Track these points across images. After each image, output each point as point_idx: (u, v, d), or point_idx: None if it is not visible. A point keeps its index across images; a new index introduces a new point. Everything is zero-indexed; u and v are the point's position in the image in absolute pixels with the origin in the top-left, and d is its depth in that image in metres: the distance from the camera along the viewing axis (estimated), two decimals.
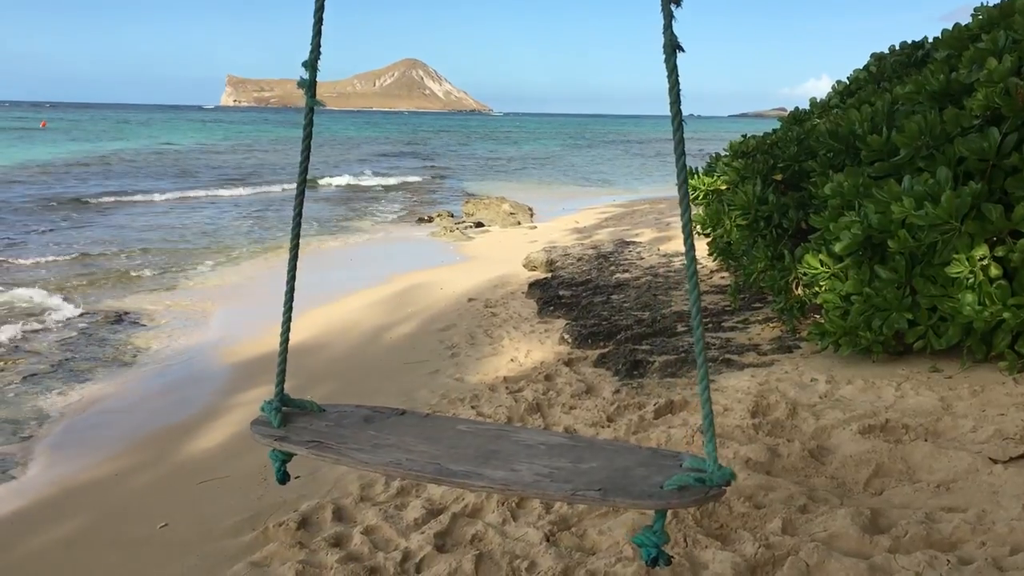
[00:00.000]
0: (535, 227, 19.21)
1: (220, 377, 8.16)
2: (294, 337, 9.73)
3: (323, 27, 2.67)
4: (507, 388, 6.85)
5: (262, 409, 2.85)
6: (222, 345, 9.26)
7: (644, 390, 6.43)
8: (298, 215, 2.87)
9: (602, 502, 2.24)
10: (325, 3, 2.65)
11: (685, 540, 3.83)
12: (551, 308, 9.78)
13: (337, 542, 4.37)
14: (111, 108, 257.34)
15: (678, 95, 2.16)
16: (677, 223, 16.31)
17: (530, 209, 21.66)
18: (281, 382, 2.90)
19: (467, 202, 23.56)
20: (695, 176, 9.19)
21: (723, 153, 9.36)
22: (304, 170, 2.81)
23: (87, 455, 6.36)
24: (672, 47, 2.13)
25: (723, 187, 8.77)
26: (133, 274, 13.43)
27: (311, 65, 2.71)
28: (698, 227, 9.17)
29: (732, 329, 8.00)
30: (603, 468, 2.34)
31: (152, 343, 9.44)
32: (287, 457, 2.81)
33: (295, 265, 2.89)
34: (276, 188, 28.99)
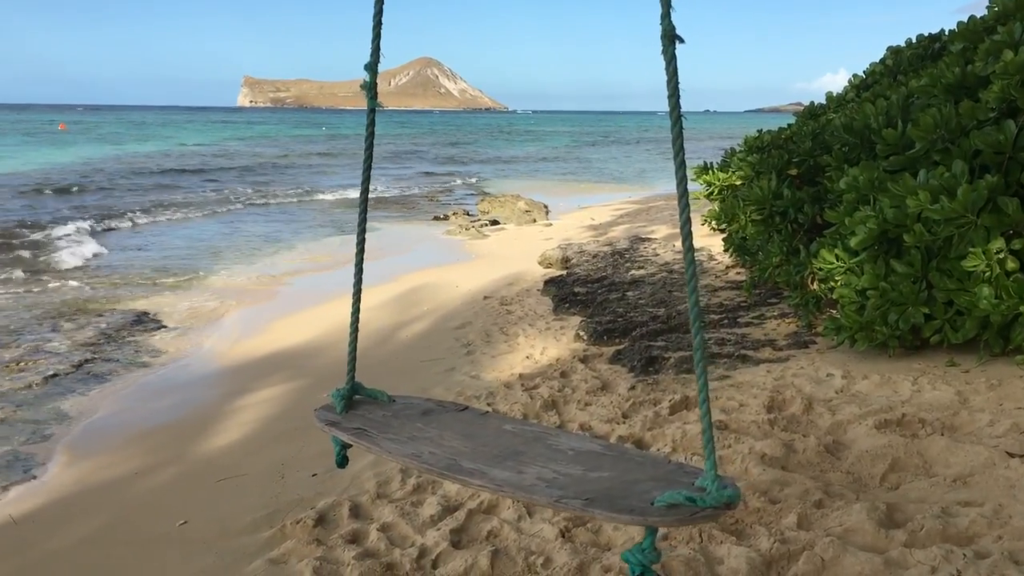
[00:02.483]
0: (550, 224, 19.22)
1: (236, 376, 8.22)
2: (308, 335, 9.81)
3: (382, 30, 2.73)
4: (523, 385, 6.87)
5: (331, 396, 2.93)
6: (238, 345, 9.33)
7: (659, 386, 6.43)
8: (363, 211, 2.95)
9: (583, 511, 2.19)
10: (383, 7, 2.70)
11: (700, 535, 3.84)
12: (566, 305, 9.79)
13: (354, 539, 4.41)
14: (131, 110, 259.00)
15: (676, 87, 2.09)
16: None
17: (545, 206, 21.66)
18: (351, 371, 2.99)
19: (482, 200, 23.59)
20: (710, 172, 9.17)
21: (738, 148, 9.34)
22: (367, 167, 2.90)
23: (106, 454, 6.42)
24: (670, 37, 2.05)
25: (738, 182, 8.76)
26: (152, 275, 13.53)
27: (371, 68, 2.77)
28: (713, 222, 9.16)
29: (748, 325, 7.98)
30: (612, 478, 2.29)
31: (170, 343, 9.51)
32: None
33: (361, 259, 2.98)
34: (291, 190, 29.12)
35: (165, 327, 10.26)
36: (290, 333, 9.66)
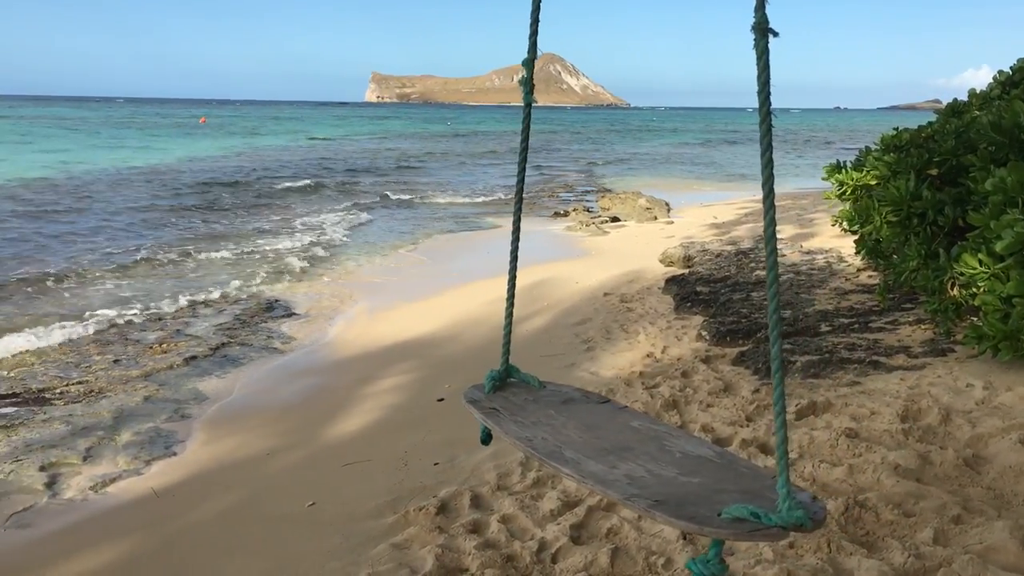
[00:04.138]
0: (672, 222, 18.97)
1: (361, 364, 8.44)
2: (429, 326, 10.01)
3: (539, 27, 2.77)
4: (643, 384, 6.81)
5: (485, 376, 3.00)
6: (363, 334, 9.59)
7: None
8: (518, 201, 3.01)
9: (646, 512, 2.14)
10: (541, 3, 2.74)
11: (829, 546, 3.72)
12: (688, 304, 9.65)
13: (475, 529, 4.47)
14: (262, 105, 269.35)
15: (767, 83, 2.01)
16: (820, 219, 15.81)
17: (667, 204, 21.39)
18: (506, 354, 3.04)
19: (603, 197, 23.48)
20: (843, 171, 8.85)
21: (873, 147, 8.99)
22: (523, 159, 2.96)
23: (240, 434, 6.72)
24: (762, 30, 1.97)
25: (873, 182, 8.42)
26: (285, 264, 14.08)
27: (528, 64, 2.82)
28: (844, 223, 8.85)
29: (880, 330, 7.68)
30: (700, 485, 2.24)
31: (299, 330, 9.87)
32: None
33: (516, 248, 3.05)
34: (423, 180, 29.69)
35: (295, 315, 10.65)
36: (412, 324, 9.86)
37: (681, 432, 2.63)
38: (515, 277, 3.08)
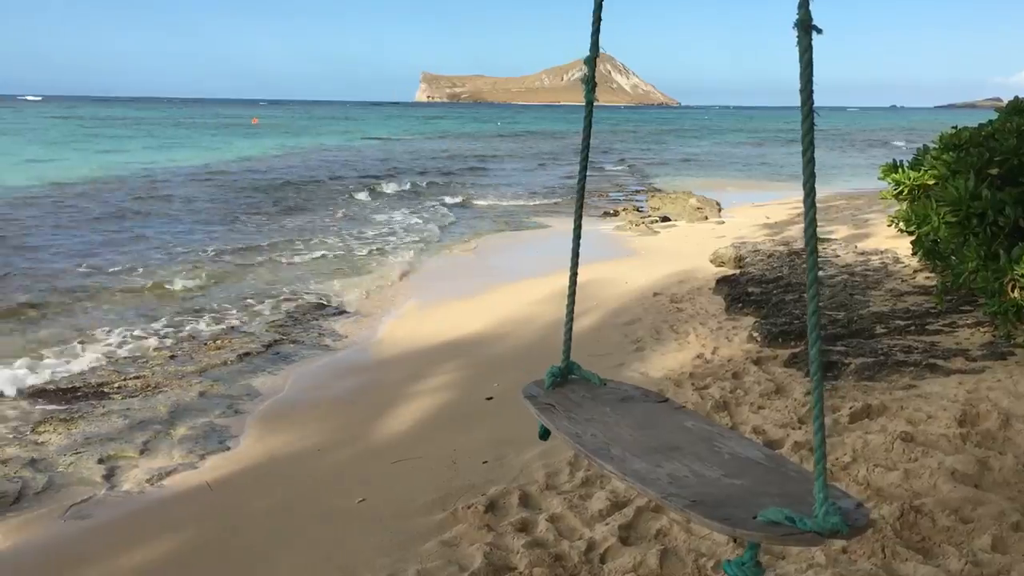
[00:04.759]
0: (723, 222, 18.79)
1: (410, 362, 8.50)
2: (478, 325, 10.05)
3: (601, 25, 2.78)
4: (693, 384, 6.76)
5: (546, 372, 3.02)
6: (412, 332, 9.65)
7: (839, 392, 6.16)
8: (580, 199, 3.04)
9: (682, 512, 2.15)
10: (603, 2, 2.75)
11: (883, 551, 3.66)
12: (739, 305, 9.54)
13: (523, 527, 4.48)
14: (311, 105, 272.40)
15: (810, 80, 1.98)
16: (876, 219, 15.53)
17: (718, 204, 21.19)
18: (567, 351, 3.06)
19: (653, 196, 23.34)
20: (899, 170, 8.68)
21: (931, 146, 8.80)
22: (585, 157, 2.99)
23: (291, 430, 6.81)
24: (806, 26, 1.95)
25: (931, 182, 8.24)
26: (337, 261, 14.25)
27: (591, 62, 2.83)
28: (900, 224, 8.68)
29: (937, 332, 7.52)
30: (742, 487, 2.23)
31: (349, 328, 9.98)
32: None
33: (578, 244, 3.08)
34: (475, 180, 29.82)
35: (346, 312, 10.78)
36: (461, 322, 9.91)
37: (734, 434, 2.61)
38: (576, 275, 3.10)
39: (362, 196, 25.07)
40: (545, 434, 2.88)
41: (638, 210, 21.19)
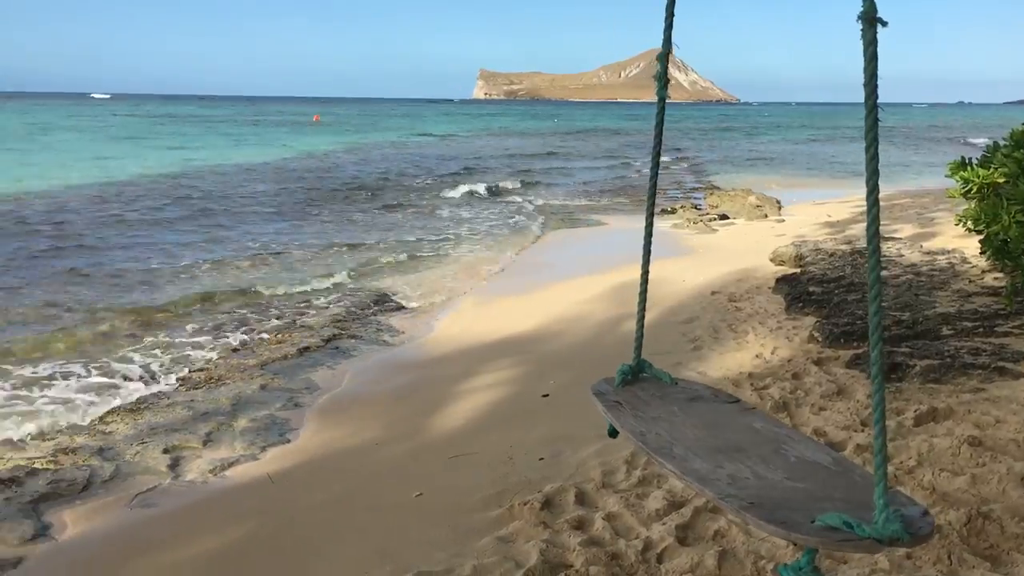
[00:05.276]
0: (783, 220, 18.49)
1: (466, 358, 8.54)
2: (534, 322, 10.02)
3: (674, 20, 2.77)
4: (752, 385, 6.67)
5: (617, 370, 3.02)
6: (469, 328, 9.69)
7: (903, 395, 6.03)
8: (651, 196, 3.02)
9: (737, 513, 2.10)
10: None
11: (949, 558, 3.58)
12: (800, 304, 9.39)
13: (579, 525, 4.47)
14: (369, 102, 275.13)
15: (874, 75, 1.92)
16: (942, 218, 15.15)
17: (778, 201, 20.87)
18: (638, 348, 3.05)
19: (711, 194, 23.09)
20: (968, 168, 8.45)
21: (1001, 142, 8.55)
22: (657, 154, 2.98)
23: (349, 424, 6.90)
24: (871, 19, 1.89)
25: (1001, 180, 8.02)
26: (397, 258, 14.40)
27: (663, 58, 2.82)
28: (968, 223, 8.46)
29: (1007, 334, 7.31)
30: (804, 491, 2.18)
31: (407, 324, 10.07)
32: None
33: (650, 242, 3.05)
34: (534, 178, 29.84)
35: (404, 308, 10.88)
36: (516, 319, 9.92)
37: (803, 437, 2.56)
38: (647, 273, 3.07)
39: (421, 193, 25.23)
40: (614, 432, 2.86)
41: (696, 208, 20.97)
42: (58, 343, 8.96)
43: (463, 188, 26.19)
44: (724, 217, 19.04)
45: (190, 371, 8.19)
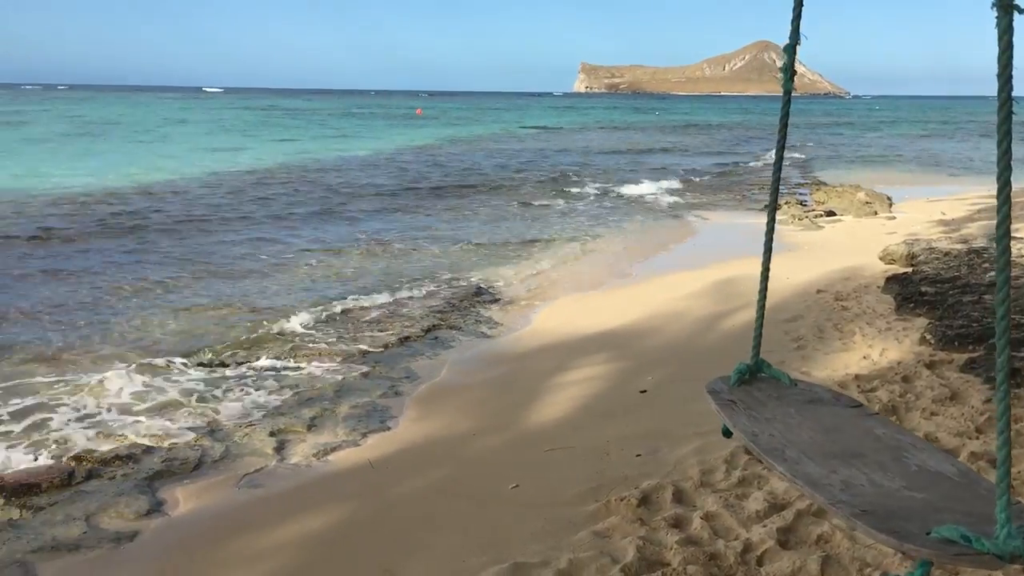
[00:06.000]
0: (894, 218, 17.85)
1: (563, 352, 8.52)
2: (630, 317, 9.93)
3: (803, 10, 2.72)
4: (858, 387, 6.47)
5: (735, 368, 3.03)
6: (566, 322, 9.68)
7: (1023, 402, 5.75)
8: (774, 193, 3.04)
9: (848, 520, 2.04)
10: None
11: None
12: (911, 305, 9.05)
13: (677, 523, 4.42)
14: (471, 96, 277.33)
15: (1009, 63, 1.83)
16: None
17: (888, 198, 20.14)
18: (756, 348, 3.10)
19: (817, 190, 22.43)
20: None
21: None
22: (781, 147, 3.00)
23: (447, 413, 6.98)
24: (1006, 5, 1.79)
25: None
26: (497, 250, 14.54)
27: (790, 50, 2.78)
28: None
29: None
30: (923, 501, 2.10)
31: (505, 316, 10.13)
32: None
33: (771, 240, 3.06)
34: (633, 172, 29.61)
35: (502, 300, 10.95)
36: (613, 314, 9.85)
37: (927, 445, 2.46)
38: (768, 270, 3.03)
39: (528, 186, 25.31)
40: (728, 432, 2.83)
41: (801, 204, 20.42)
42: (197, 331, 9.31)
43: (567, 181, 26.15)
44: (831, 214, 18.49)
45: (296, 357, 8.41)
